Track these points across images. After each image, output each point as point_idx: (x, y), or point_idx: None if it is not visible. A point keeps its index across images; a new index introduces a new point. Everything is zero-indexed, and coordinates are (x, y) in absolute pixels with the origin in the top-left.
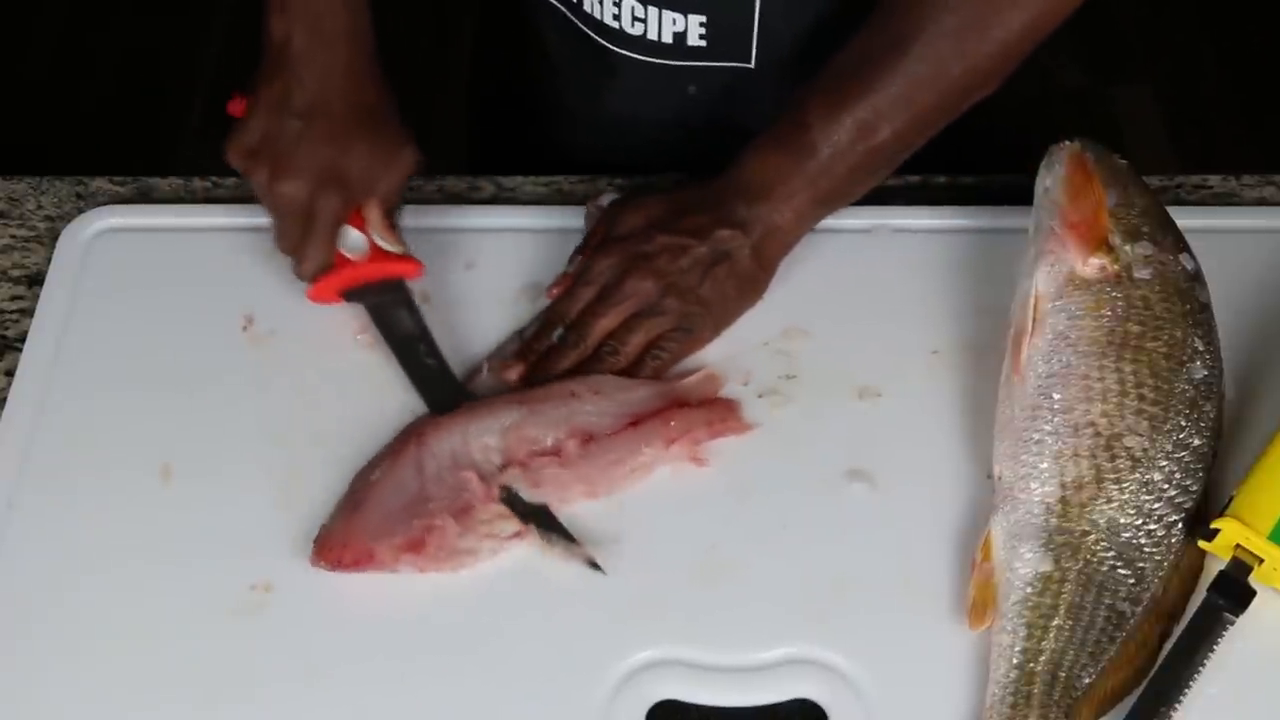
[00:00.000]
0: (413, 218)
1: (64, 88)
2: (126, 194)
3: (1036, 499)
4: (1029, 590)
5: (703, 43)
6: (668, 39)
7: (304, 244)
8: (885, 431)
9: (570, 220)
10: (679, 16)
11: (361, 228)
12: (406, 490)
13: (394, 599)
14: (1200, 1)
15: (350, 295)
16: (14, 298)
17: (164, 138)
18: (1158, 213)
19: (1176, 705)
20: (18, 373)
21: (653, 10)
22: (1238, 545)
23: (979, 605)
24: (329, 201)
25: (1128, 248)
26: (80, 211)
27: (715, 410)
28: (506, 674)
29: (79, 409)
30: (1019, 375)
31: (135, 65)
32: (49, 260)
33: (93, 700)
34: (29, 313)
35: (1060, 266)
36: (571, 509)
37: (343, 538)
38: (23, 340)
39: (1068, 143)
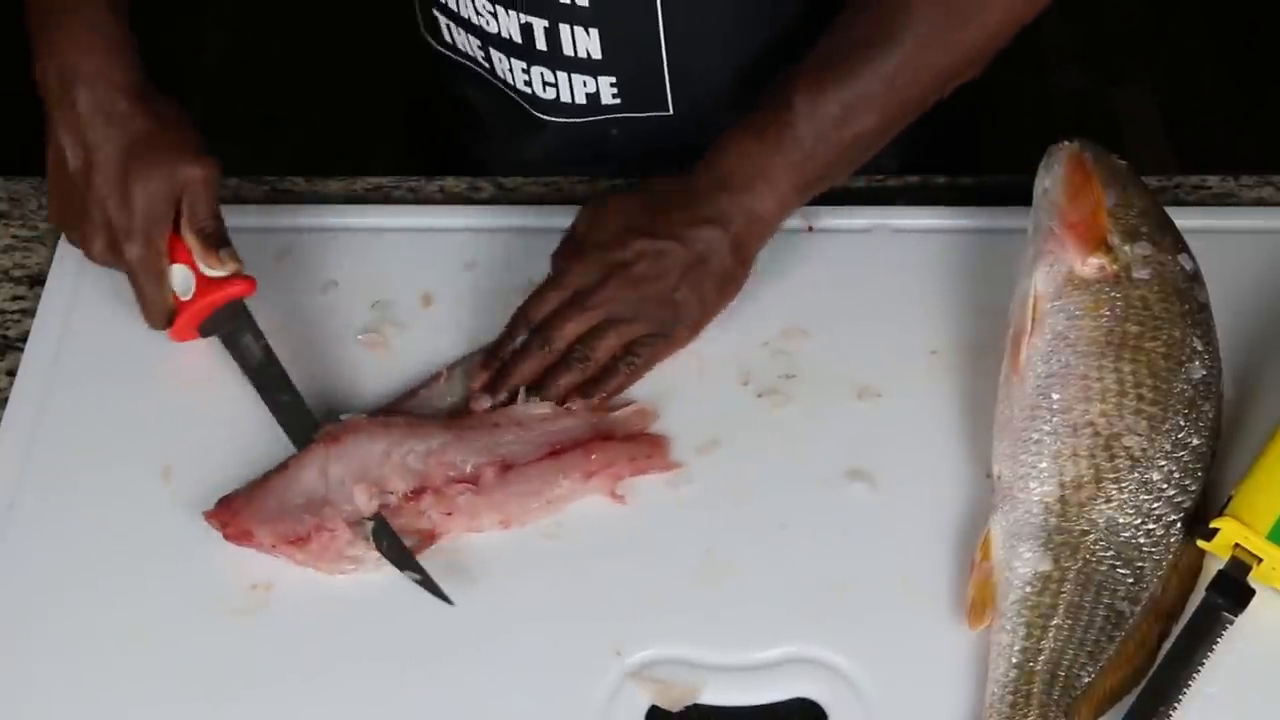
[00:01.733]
0: (414, 217)
1: None
2: None
3: (1035, 499)
4: (1028, 589)
5: (617, 100)
6: (581, 100)
7: (138, 298)
8: (885, 431)
9: (570, 220)
10: (589, 79)
11: (189, 259)
12: (308, 488)
13: (394, 599)
14: (1200, 2)
15: (204, 330)
16: (15, 298)
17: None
18: (1156, 213)
19: (1175, 704)
20: (19, 372)
21: (562, 75)
22: (1236, 545)
23: (978, 604)
24: (135, 251)
25: (1126, 248)
26: None
27: (641, 445)
28: (506, 674)
29: (80, 409)
30: (1018, 375)
31: None
32: (50, 260)
33: (93, 700)
34: (30, 313)
35: (1059, 266)
36: (563, 515)
37: (235, 509)
38: (24, 340)
39: (1066, 143)
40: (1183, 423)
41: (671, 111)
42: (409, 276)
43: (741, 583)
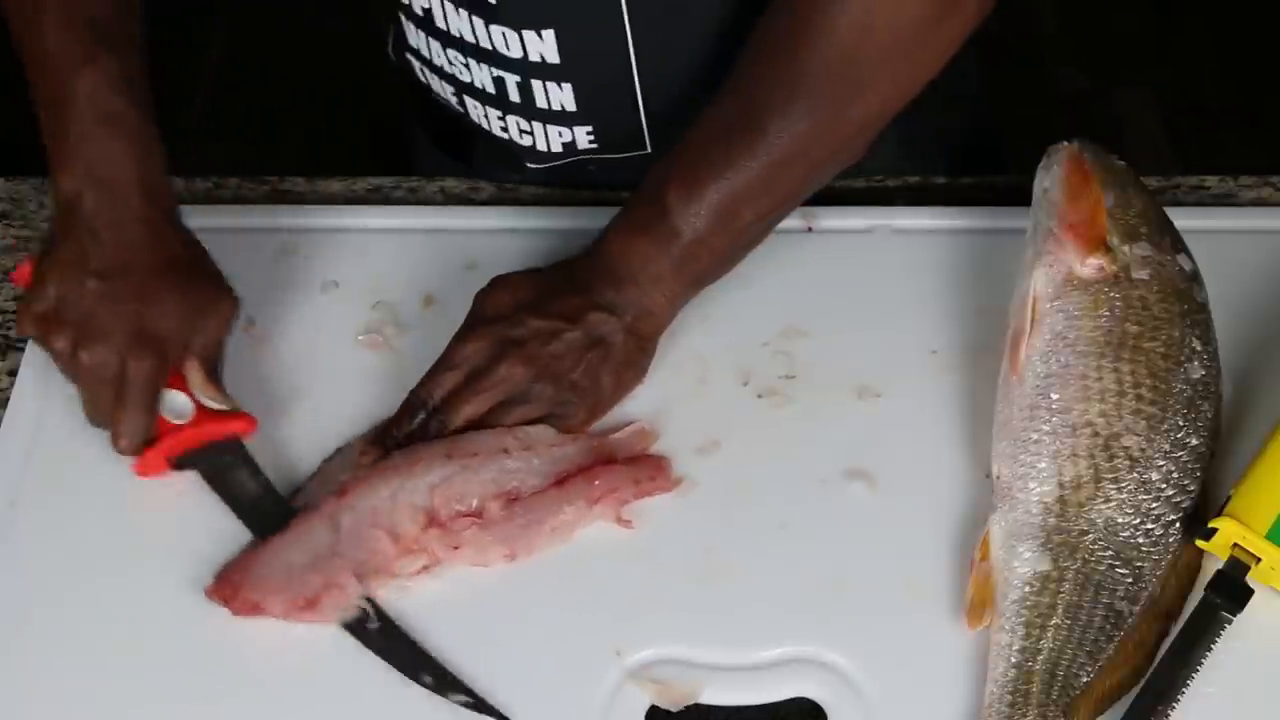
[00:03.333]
0: (414, 218)
1: None
2: None
3: (1035, 498)
4: (1027, 589)
5: (594, 145)
6: (557, 148)
7: (120, 414)
8: (885, 431)
9: (570, 221)
10: (564, 129)
11: (183, 388)
12: (316, 544)
13: (394, 598)
14: (1200, 4)
15: (181, 463)
16: (16, 298)
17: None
18: (1156, 213)
19: (1174, 704)
20: (20, 372)
21: (537, 125)
22: (1235, 544)
23: (977, 604)
24: (142, 365)
25: (1126, 248)
26: None
27: (643, 468)
28: (506, 673)
29: (80, 409)
30: (1017, 375)
31: None
32: None
33: (93, 699)
34: None
35: (1058, 267)
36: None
37: (237, 582)
38: (24, 340)
39: (1066, 143)
40: (1181, 423)
41: (650, 150)
42: (410, 277)
43: (741, 583)
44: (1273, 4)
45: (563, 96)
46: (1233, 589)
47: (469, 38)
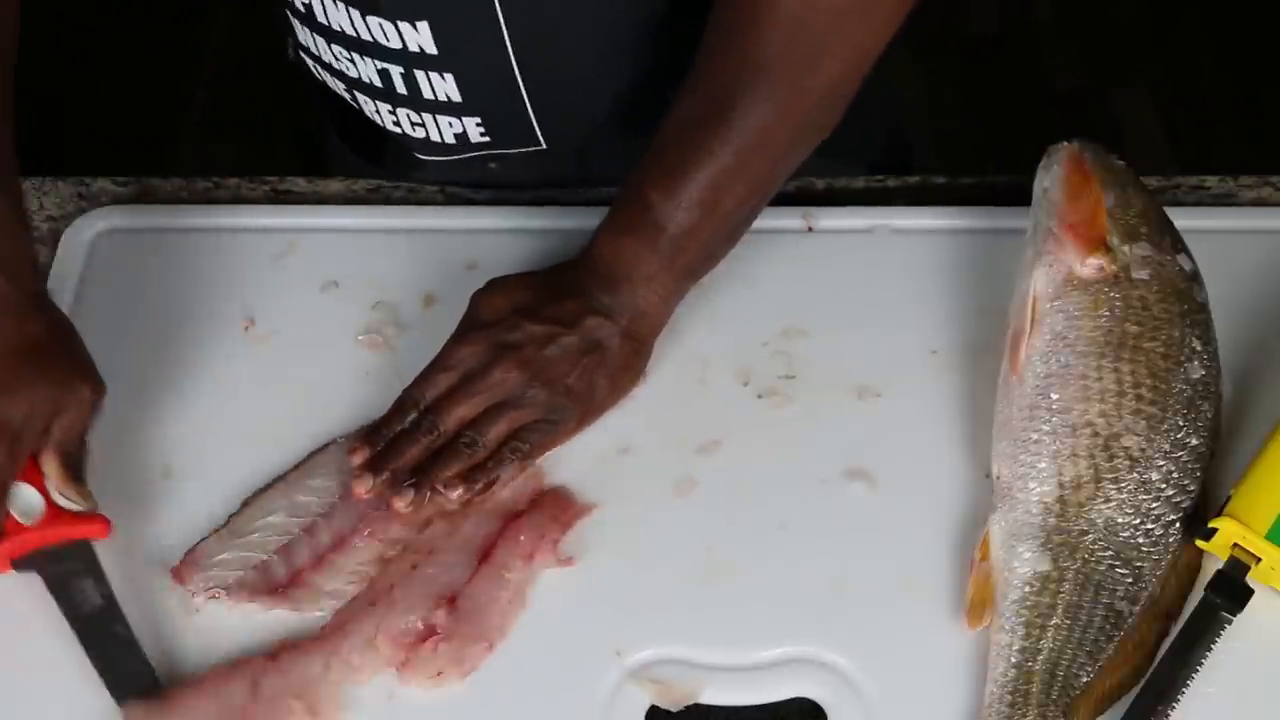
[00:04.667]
0: (414, 218)
1: (65, 88)
2: (128, 194)
3: (1035, 498)
4: (1027, 589)
5: (486, 138)
6: (450, 140)
7: None
8: (885, 431)
9: (570, 221)
10: (454, 119)
11: (40, 484)
12: (228, 705)
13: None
14: (1199, 3)
15: (21, 565)
16: None
17: (164, 138)
18: (1155, 213)
19: (1174, 704)
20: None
21: (427, 116)
22: (1235, 544)
23: (977, 604)
24: None
25: (1126, 248)
26: (82, 212)
27: (552, 503)
28: (506, 673)
29: None
30: (1017, 375)
31: (135, 65)
32: (51, 261)
33: (94, 699)
34: None
35: (1058, 267)
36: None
37: None
38: None
39: (1066, 143)
40: (1181, 423)
41: (544, 146)
42: (410, 277)
43: (741, 583)
44: (1272, 3)
45: (446, 87)
46: (1233, 589)
47: (350, 31)
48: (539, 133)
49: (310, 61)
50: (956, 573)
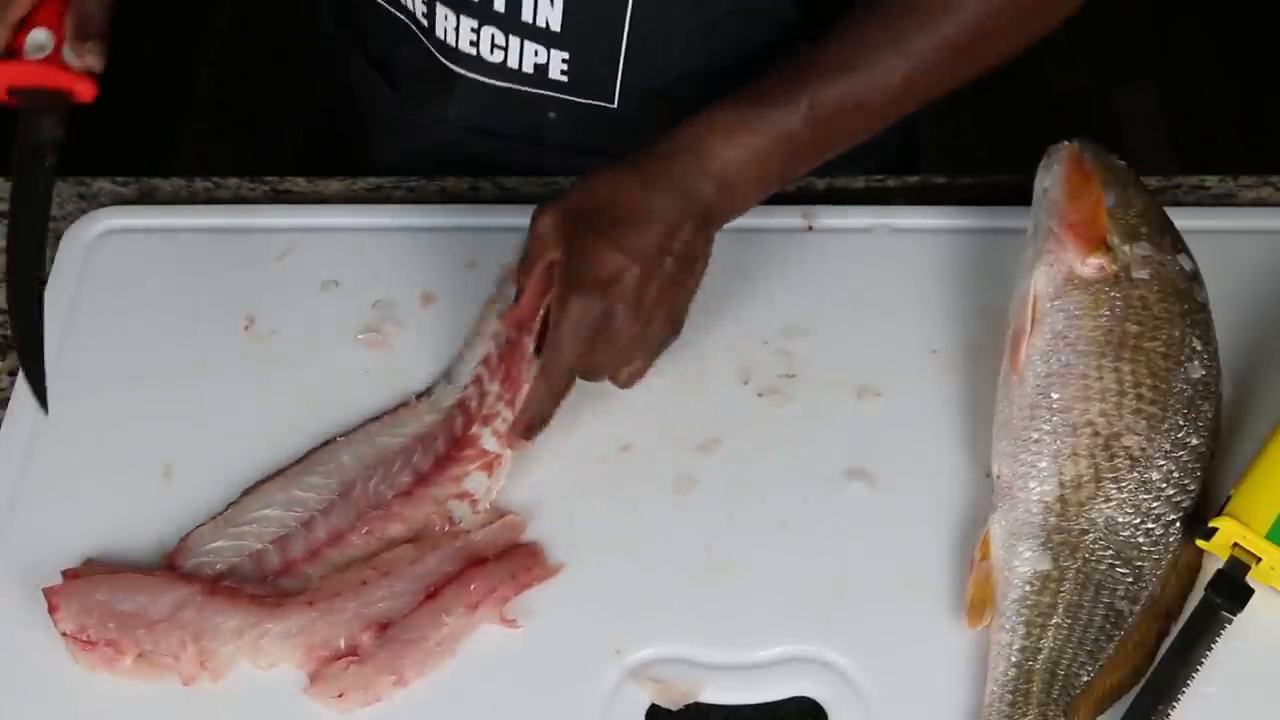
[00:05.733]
0: (414, 217)
1: None
2: (129, 194)
3: (1035, 498)
4: (1027, 589)
5: (564, 78)
6: (529, 69)
7: None
8: (885, 431)
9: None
10: (541, 49)
11: (58, 31)
12: (151, 606)
13: None
14: (1200, 3)
15: (17, 96)
16: None
17: (165, 138)
18: (1156, 213)
19: (1174, 704)
20: (19, 373)
21: (514, 40)
22: (1235, 544)
23: (977, 604)
24: None
25: (1126, 248)
26: (83, 212)
27: (518, 560)
28: (506, 673)
29: (81, 409)
30: (1018, 375)
31: (135, 65)
32: (52, 261)
33: (93, 698)
34: None
35: (1059, 266)
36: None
37: (77, 576)
38: None
39: (1066, 143)
40: (1182, 422)
41: (615, 105)
42: (409, 276)
43: (741, 581)
44: (1272, 4)
45: (550, 12)
46: (1233, 589)
47: None
48: (617, 91)
49: None
50: (956, 572)
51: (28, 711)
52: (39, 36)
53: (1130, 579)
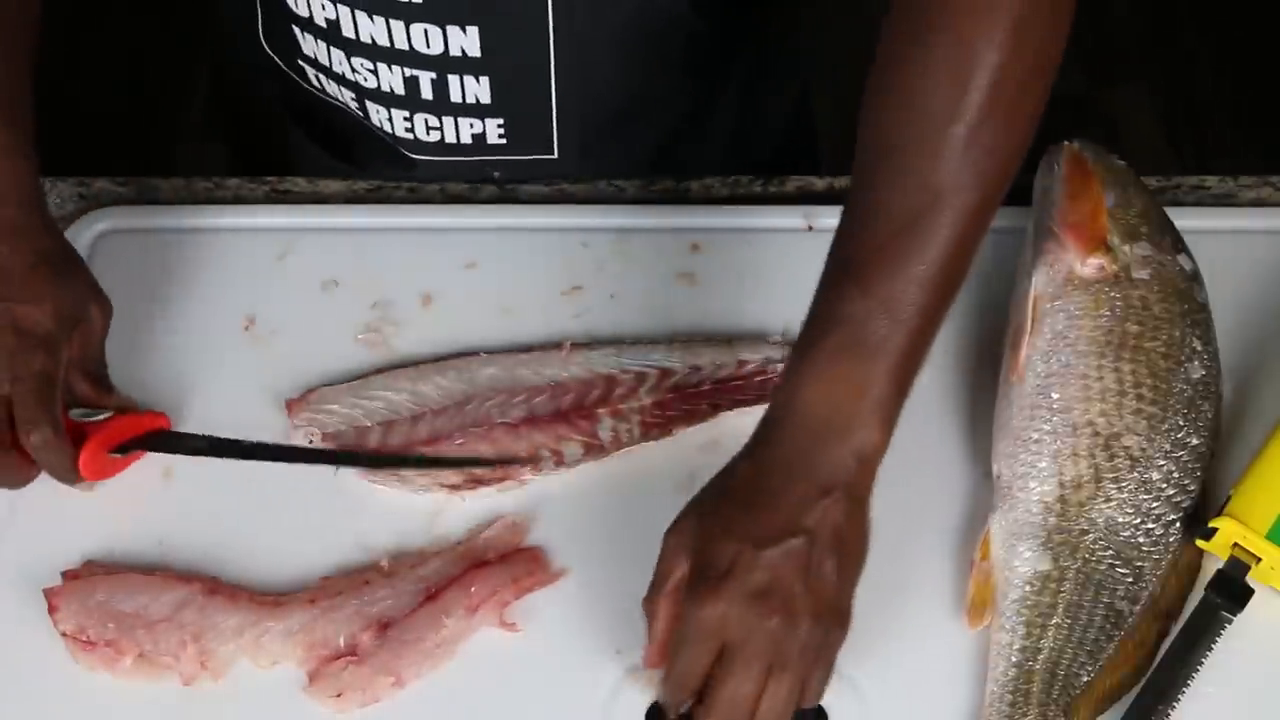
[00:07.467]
0: (413, 217)
1: (64, 88)
2: (128, 194)
3: (1035, 498)
4: (1027, 589)
5: (503, 140)
6: (467, 140)
7: (24, 414)
8: None
9: (570, 219)
10: (475, 121)
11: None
12: (151, 605)
13: None
14: (1198, 4)
15: (123, 449)
16: None
17: (164, 138)
18: (1156, 213)
19: (1174, 704)
20: None
21: (448, 119)
22: (1235, 544)
23: (978, 604)
24: (36, 360)
25: (1126, 248)
26: (83, 212)
27: (519, 564)
28: (506, 673)
29: None
30: (1018, 375)
31: (135, 65)
32: None
33: (93, 698)
34: None
35: (1059, 266)
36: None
37: (81, 574)
38: None
39: (1067, 143)
40: (1182, 422)
41: (556, 155)
42: (409, 276)
43: None
44: (1271, 3)
45: (479, 90)
46: (1233, 589)
47: (382, 41)
48: (556, 141)
49: (313, 71)
50: (956, 573)
51: (28, 711)
52: (87, 405)
53: (1130, 579)
